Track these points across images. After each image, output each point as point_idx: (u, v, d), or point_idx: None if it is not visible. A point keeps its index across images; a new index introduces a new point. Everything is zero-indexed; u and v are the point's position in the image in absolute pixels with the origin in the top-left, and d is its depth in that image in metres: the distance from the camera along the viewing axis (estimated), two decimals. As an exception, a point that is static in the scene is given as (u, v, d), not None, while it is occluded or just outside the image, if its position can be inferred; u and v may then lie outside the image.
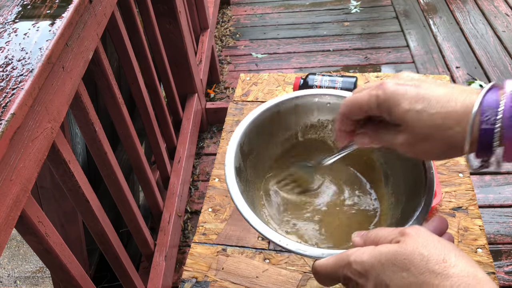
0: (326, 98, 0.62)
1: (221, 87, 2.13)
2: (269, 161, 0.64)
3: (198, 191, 1.65)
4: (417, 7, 2.54)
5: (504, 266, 1.32)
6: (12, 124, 0.49)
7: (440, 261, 0.34)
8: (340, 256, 0.41)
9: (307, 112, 0.63)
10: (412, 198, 0.52)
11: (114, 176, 0.90)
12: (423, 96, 0.41)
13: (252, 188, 0.59)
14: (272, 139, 0.63)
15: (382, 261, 0.37)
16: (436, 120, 0.40)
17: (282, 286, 0.67)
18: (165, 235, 1.22)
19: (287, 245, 0.46)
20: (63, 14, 0.65)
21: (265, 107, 0.61)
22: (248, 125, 0.59)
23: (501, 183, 1.54)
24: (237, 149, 0.56)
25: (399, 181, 0.58)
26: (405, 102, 0.41)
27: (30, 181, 0.56)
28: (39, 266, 1.71)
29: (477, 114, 0.38)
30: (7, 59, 0.57)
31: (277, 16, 2.60)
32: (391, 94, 0.42)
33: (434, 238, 0.37)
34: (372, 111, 0.44)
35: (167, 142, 1.44)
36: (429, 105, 0.40)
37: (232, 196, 0.51)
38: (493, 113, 0.38)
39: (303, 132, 0.65)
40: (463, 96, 0.40)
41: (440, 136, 0.40)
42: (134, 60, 1.07)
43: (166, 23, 1.43)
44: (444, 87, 0.41)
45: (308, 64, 2.21)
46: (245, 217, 0.49)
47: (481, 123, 0.38)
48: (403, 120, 0.41)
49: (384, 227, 0.42)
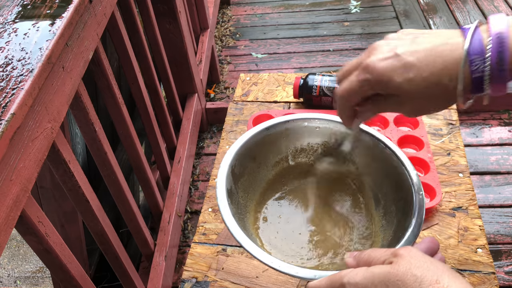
0: (316, 122, 0.64)
1: (221, 87, 2.13)
2: (260, 184, 0.65)
3: (198, 191, 1.65)
4: (417, 7, 2.54)
5: (504, 266, 1.32)
6: (12, 124, 0.49)
7: (433, 282, 0.35)
8: (333, 277, 0.41)
9: (297, 136, 0.64)
10: (403, 219, 0.53)
11: (114, 176, 0.90)
12: (410, 63, 0.41)
13: (244, 210, 0.60)
14: (263, 162, 0.64)
15: (375, 282, 0.37)
16: (431, 80, 0.41)
17: (282, 286, 0.67)
18: (165, 235, 1.22)
19: (279, 267, 0.47)
20: (63, 14, 0.65)
21: (256, 131, 0.62)
22: (239, 148, 0.60)
23: (501, 183, 1.54)
24: (229, 171, 0.57)
25: (390, 204, 0.58)
26: (395, 76, 0.42)
27: (30, 181, 0.56)
28: (39, 266, 1.71)
29: (466, 65, 0.40)
30: (7, 59, 0.57)
31: (277, 16, 2.60)
32: (379, 73, 0.42)
33: (427, 259, 0.37)
34: (368, 93, 0.45)
35: (167, 142, 1.44)
36: (419, 71, 0.41)
37: (224, 219, 0.51)
38: (481, 61, 0.39)
39: (293, 155, 0.66)
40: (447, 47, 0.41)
41: (438, 91, 0.42)
42: (134, 60, 1.07)
43: (166, 23, 1.43)
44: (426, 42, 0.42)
45: (308, 64, 2.21)
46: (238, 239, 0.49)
47: (472, 72, 0.40)
48: (401, 91, 0.42)
49: (377, 248, 0.42)
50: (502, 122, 1.75)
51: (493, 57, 0.38)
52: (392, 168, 0.57)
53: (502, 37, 0.38)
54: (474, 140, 1.69)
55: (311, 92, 0.93)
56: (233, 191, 0.57)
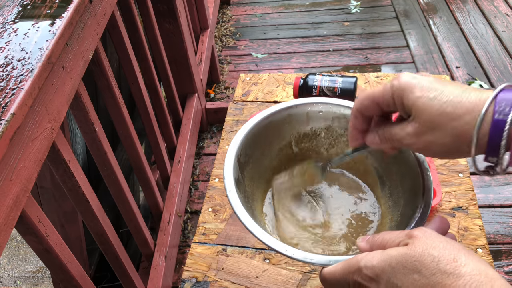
0: (318, 106, 0.63)
1: (221, 87, 2.13)
2: (266, 171, 0.65)
3: (198, 191, 1.65)
4: (417, 7, 2.54)
5: (504, 266, 1.32)
6: (12, 124, 0.49)
7: (451, 261, 0.35)
8: (349, 262, 0.41)
9: (300, 121, 0.64)
10: (411, 200, 0.53)
11: (114, 176, 0.90)
12: (437, 87, 0.41)
13: (251, 199, 0.60)
14: (267, 149, 0.64)
15: (393, 264, 0.36)
16: (446, 108, 0.39)
17: (282, 286, 0.67)
18: (165, 235, 1.22)
19: (293, 254, 0.46)
20: (63, 14, 0.65)
21: (258, 118, 0.62)
22: (243, 137, 0.60)
23: (501, 183, 1.54)
24: (235, 161, 0.57)
25: (396, 185, 0.58)
26: (418, 90, 0.41)
27: (30, 181, 0.56)
28: (39, 266, 1.71)
29: (490, 105, 0.37)
30: (7, 59, 0.57)
31: (277, 16, 2.60)
32: (405, 83, 0.42)
33: (442, 239, 0.37)
34: (386, 101, 0.44)
35: (167, 142, 1.44)
36: (441, 94, 0.40)
37: (234, 209, 0.51)
38: (507, 104, 0.37)
39: (296, 141, 0.66)
40: (476, 92, 0.39)
41: (448, 126, 0.39)
42: (134, 60, 1.07)
43: (166, 23, 1.43)
44: (458, 85, 0.41)
45: (308, 64, 2.21)
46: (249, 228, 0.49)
47: (494, 113, 0.37)
48: (414, 107, 0.41)
49: (390, 231, 0.42)
50: (502, 122, 1.75)
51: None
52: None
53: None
54: (474, 140, 1.69)
55: (311, 92, 0.93)
56: (240, 180, 0.57)
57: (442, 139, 0.40)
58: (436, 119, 0.40)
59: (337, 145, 0.66)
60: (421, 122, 0.41)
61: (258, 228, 0.49)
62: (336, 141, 0.65)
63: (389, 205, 0.59)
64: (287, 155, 0.66)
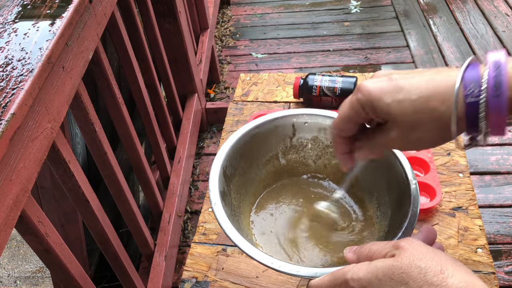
0: (304, 117, 0.63)
1: (221, 87, 2.13)
2: (253, 184, 0.64)
3: (198, 191, 1.65)
4: (417, 7, 2.54)
5: (504, 266, 1.32)
6: (12, 124, 0.49)
7: (438, 272, 0.35)
8: (335, 274, 0.40)
9: (286, 133, 0.64)
10: (398, 210, 0.53)
11: (114, 176, 0.90)
12: (401, 85, 0.40)
13: (238, 212, 0.60)
14: (254, 161, 0.64)
15: (380, 276, 0.36)
16: (419, 105, 0.39)
17: (282, 286, 0.67)
18: (165, 235, 1.22)
19: (279, 267, 0.46)
20: (63, 14, 0.65)
21: (244, 130, 0.61)
22: (229, 149, 0.59)
23: (501, 183, 1.54)
24: (221, 173, 0.56)
25: (383, 195, 0.58)
26: (384, 96, 0.41)
27: (30, 181, 0.56)
28: (39, 266, 1.71)
29: (460, 89, 0.37)
30: (7, 59, 0.57)
31: (277, 16, 2.60)
32: (369, 93, 0.41)
33: (429, 250, 0.37)
34: (360, 116, 0.44)
35: (167, 142, 1.44)
36: (408, 93, 0.40)
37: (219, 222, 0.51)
38: (476, 85, 0.37)
39: (283, 152, 0.65)
40: (440, 76, 0.39)
41: (428, 120, 0.40)
42: (134, 60, 1.07)
43: (166, 23, 1.43)
44: (419, 74, 0.41)
45: (308, 64, 2.21)
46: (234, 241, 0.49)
47: (466, 97, 0.37)
48: (388, 113, 0.41)
49: (377, 242, 0.42)
50: (502, 122, 1.75)
51: (490, 80, 0.36)
52: (384, 159, 0.56)
53: (498, 63, 0.37)
54: (474, 140, 1.69)
55: (311, 92, 0.93)
56: (226, 193, 0.57)
57: (426, 134, 0.41)
58: (413, 118, 0.40)
59: (324, 156, 0.65)
60: (401, 126, 0.41)
61: (243, 241, 0.49)
62: (323, 151, 0.65)
63: (377, 216, 0.59)
64: (274, 167, 0.66)
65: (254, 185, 0.64)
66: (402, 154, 0.56)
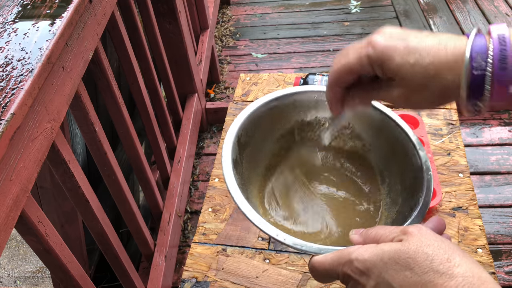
0: None
1: (221, 87, 2.13)
2: (266, 156, 0.63)
3: (198, 191, 1.65)
4: (417, 7, 2.54)
5: (504, 266, 1.32)
6: (12, 124, 0.49)
7: (445, 261, 0.34)
8: (340, 253, 0.40)
9: (305, 109, 0.63)
10: (409, 199, 0.52)
11: (114, 176, 0.90)
12: (414, 48, 0.41)
13: (247, 182, 0.59)
14: (269, 133, 0.63)
15: (385, 259, 0.36)
16: (429, 71, 0.40)
17: (282, 286, 0.67)
18: (165, 235, 1.22)
19: (284, 239, 0.45)
20: (63, 14, 0.65)
21: (263, 101, 0.60)
22: (246, 118, 0.58)
23: (501, 183, 1.54)
24: (235, 141, 0.55)
25: (395, 182, 0.58)
26: (397, 56, 0.41)
27: (30, 181, 0.56)
28: (39, 266, 1.71)
29: (469, 61, 0.39)
30: (7, 59, 0.57)
31: (277, 16, 2.60)
32: (382, 50, 0.42)
33: (437, 238, 0.37)
34: (365, 70, 0.44)
35: (167, 142, 1.44)
36: (421, 57, 0.41)
37: (230, 191, 0.50)
38: (483, 58, 0.39)
39: (299, 129, 0.64)
40: (451, 43, 0.41)
41: (434, 86, 0.41)
42: (134, 60, 1.07)
43: (166, 23, 1.43)
44: (431, 37, 0.42)
45: (308, 64, 2.21)
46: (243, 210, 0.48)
47: (472, 68, 0.39)
48: (397, 74, 0.42)
49: (385, 226, 0.41)
50: (502, 122, 1.75)
51: (495, 54, 0.38)
52: (400, 146, 0.56)
53: (504, 37, 0.38)
54: (474, 140, 1.69)
55: (311, 92, 0.93)
56: (238, 162, 0.55)
57: (430, 97, 0.42)
58: (421, 82, 0.41)
59: (340, 138, 0.64)
60: (407, 87, 0.42)
61: (251, 210, 0.48)
62: (339, 132, 0.63)
63: (386, 202, 0.58)
64: (288, 142, 0.64)
65: (266, 157, 0.63)
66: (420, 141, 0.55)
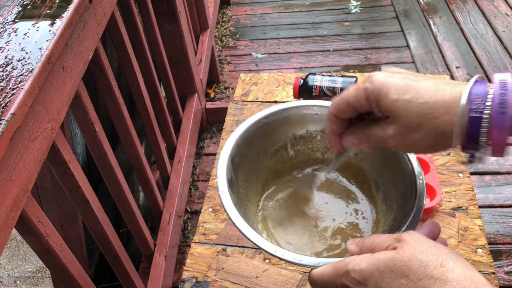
0: (314, 109, 0.63)
1: (221, 87, 2.13)
2: (261, 173, 0.64)
3: (198, 191, 1.65)
4: (417, 7, 2.54)
5: (504, 266, 1.32)
6: (12, 124, 0.49)
7: (438, 266, 0.35)
8: (337, 264, 0.41)
9: (296, 124, 0.64)
10: (403, 205, 0.53)
11: (114, 176, 0.90)
12: (412, 86, 0.41)
13: (245, 200, 0.60)
14: (262, 151, 0.64)
15: (381, 268, 0.37)
16: (425, 109, 0.40)
17: (282, 286, 0.67)
18: (165, 235, 1.22)
19: (282, 255, 0.46)
20: (63, 14, 0.65)
21: (255, 119, 0.62)
22: (238, 137, 0.60)
23: (501, 183, 1.54)
24: (229, 161, 0.57)
25: (389, 189, 0.58)
26: (393, 92, 0.41)
27: (30, 181, 0.56)
28: (39, 266, 1.71)
29: (466, 103, 0.38)
30: (7, 59, 0.57)
31: (277, 16, 2.60)
32: (379, 85, 0.42)
33: (431, 243, 0.37)
34: (361, 105, 0.44)
35: (167, 142, 1.44)
36: (417, 95, 0.40)
37: (226, 209, 0.51)
38: (482, 101, 0.38)
39: (292, 143, 0.66)
40: (450, 87, 0.40)
41: (429, 126, 0.40)
42: (134, 60, 1.07)
43: (166, 23, 1.43)
44: (431, 80, 0.42)
45: (308, 64, 2.21)
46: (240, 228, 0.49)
47: (470, 110, 0.38)
48: (392, 110, 0.41)
49: (379, 234, 0.42)
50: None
51: (495, 97, 0.37)
52: (392, 153, 0.57)
53: (505, 82, 0.38)
54: (474, 140, 1.69)
55: (311, 92, 0.93)
56: (233, 181, 0.57)
57: (424, 138, 0.41)
58: (416, 120, 0.40)
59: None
60: (402, 125, 0.41)
61: (248, 228, 0.49)
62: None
63: (382, 209, 0.59)
64: (282, 157, 0.66)
65: (262, 174, 0.64)
66: None
